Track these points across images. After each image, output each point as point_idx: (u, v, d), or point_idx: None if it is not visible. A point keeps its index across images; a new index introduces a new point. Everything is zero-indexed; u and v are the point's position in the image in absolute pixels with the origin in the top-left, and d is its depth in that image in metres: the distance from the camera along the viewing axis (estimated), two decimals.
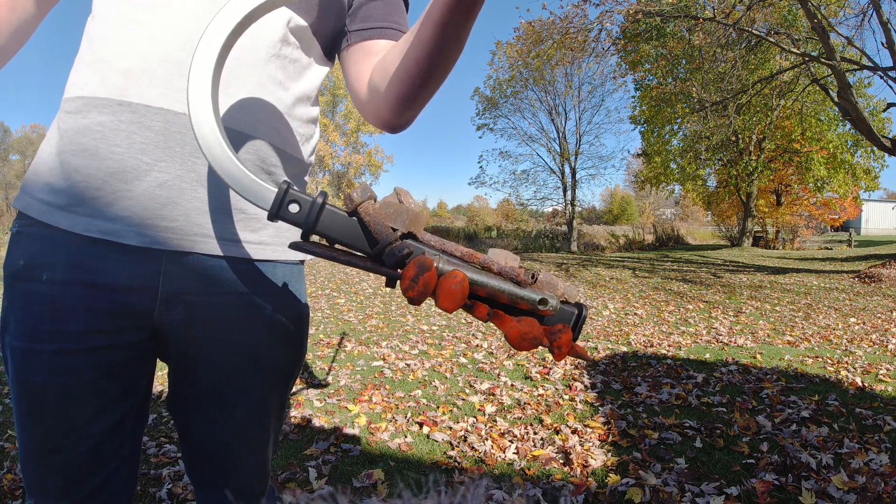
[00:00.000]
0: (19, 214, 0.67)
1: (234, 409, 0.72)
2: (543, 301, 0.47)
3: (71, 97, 0.63)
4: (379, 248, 0.47)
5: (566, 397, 2.75)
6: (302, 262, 0.78)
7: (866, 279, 7.86)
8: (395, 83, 0.63)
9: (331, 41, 0.75)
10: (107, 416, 0.66)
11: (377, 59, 0.69)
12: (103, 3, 0.64)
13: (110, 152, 0.61)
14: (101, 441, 0.66)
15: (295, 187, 0.51)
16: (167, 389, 0.77)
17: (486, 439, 2.21)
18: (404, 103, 0.65)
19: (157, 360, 0.74)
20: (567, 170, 22.05)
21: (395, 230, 0.47)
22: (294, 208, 0.49)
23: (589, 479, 1.86)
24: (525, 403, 2.66)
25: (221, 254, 0.66)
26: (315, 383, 3.01)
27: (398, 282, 0.46)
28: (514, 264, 0.49)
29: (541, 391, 2.84)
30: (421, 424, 2.38)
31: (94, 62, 0.62)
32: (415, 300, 0.43)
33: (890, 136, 9.25)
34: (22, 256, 0.64)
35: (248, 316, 0.69)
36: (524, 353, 3.71)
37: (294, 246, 0.48)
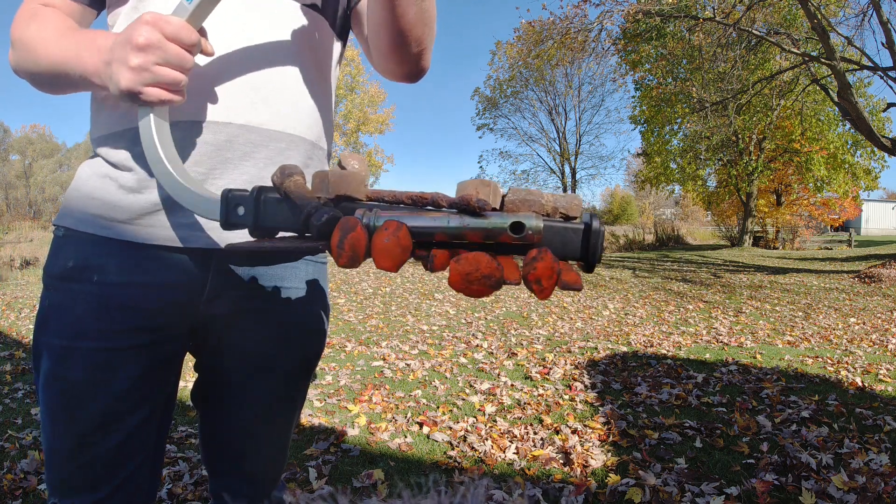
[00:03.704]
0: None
1: (262, 395, 0.76)
2: (517, 226, 0.36)
3: (113, 133, 0.65)
4: (302, 221, 0.41)
5: (566, 397, 2.75)
6: (325, 261, 0.83)
7: (866, 279, 7.86)
8: (381, 31, 0.65)
9: (341, 19, 0.78)
10: (140, 412, 0.68)
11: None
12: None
13: None
14: (131, 435, 0.68)
15: (238, 190, 0.49)
16: (193, 381, 0.80)
17: (486, 439, 2.21)
18: (398, 50, 0.67)
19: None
20: (567, 170, 22.09)
21: (319, 198, 0.42)
22: (241, 211, 0.47)
23: (589, 479, 1.86)
24: (525, 403, 2.66)
25: None
26: (315, 383, 3.01)
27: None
28: (484, 192, 0.38)
29: (541, 391, 2.84)
30: (421, 424, 2.38)
31: None
32: (349, 266, 0.38)
33: (890, 136, 9.25)
34: (71, 258, 0.66)
35: (282, 309, 0.74)
36: (523, 352, 3.71)
37: (228, 248, 0.46)
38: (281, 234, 0.48)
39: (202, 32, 0.58)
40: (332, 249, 0.38)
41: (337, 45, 0.78)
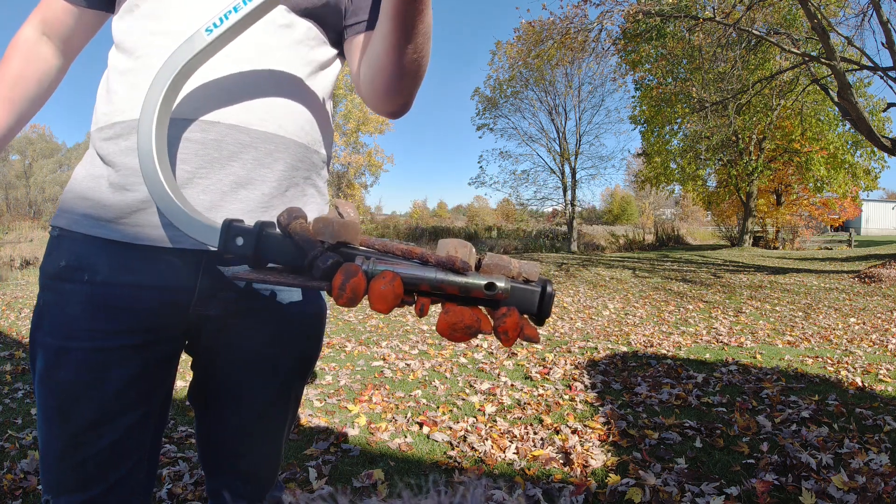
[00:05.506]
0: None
1: (258, 395, 0.76)
2: (490, 285, 0.45)
3: (107, 125, 0.66)
4: (308, 263, 0.47)
5: (566, 397, 2.75)
6: None
7: (866, 279, 7.86)
8: (377, 74, 0.67)
9: (339, 37, 0.79)
10: (133, 412, 0.68)
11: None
12: (126, 32, 0.67)
13: None
14: (124, 436, 0.68)
15: (237, 221, 0.52)
16: (189, 381, 0.80)
17: (486, 439, 2.21)
18: (390, 92, 0.69)
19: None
20: (567, 170, 22.04)
21: (322, 243, 0.48)
22: (239, 241, 0.52)
23: (589, 479, 1.86)
24: (525, 403, 2.66)
25: None
26: (315, 383, 3.01)
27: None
28: (462, 252, 0.47)
29: (541, 391, 2.84)
30: (421, 424, 2.38)
31: (127, 89, 0.65)
32: (347, 306, 0.44)
33: (890, 136, 9.25)
34: (63, 258, 0.66)
35: (277, 310, 0.74)
36: (523, 352, 3.71)
37: (233, 277, 0.50)
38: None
39: None
40: (334, 290, 0.44)
41: (332, 54, 0.78)
